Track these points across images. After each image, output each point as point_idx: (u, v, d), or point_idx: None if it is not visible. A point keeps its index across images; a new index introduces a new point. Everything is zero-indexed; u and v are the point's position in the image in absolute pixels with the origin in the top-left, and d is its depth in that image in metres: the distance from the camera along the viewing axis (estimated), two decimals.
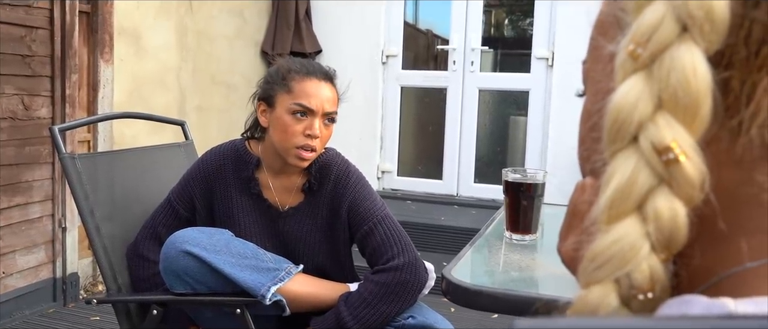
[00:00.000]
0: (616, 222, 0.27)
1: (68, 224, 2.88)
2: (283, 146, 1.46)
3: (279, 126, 1.46)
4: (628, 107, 0.27)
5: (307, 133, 1.44)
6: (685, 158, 0.26)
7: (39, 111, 2.73)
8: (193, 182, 1.56)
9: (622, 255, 0.27)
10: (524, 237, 1.41)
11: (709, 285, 0.29)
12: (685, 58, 0.26)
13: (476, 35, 4.07)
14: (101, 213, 1.58)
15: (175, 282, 1.43)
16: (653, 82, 0.27)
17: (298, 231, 1.54)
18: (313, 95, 1.45)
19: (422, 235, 3.48)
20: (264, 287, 1.40)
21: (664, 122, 0.26)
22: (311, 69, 1.48)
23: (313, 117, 1.44)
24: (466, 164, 4.15)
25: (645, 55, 0.27)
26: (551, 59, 3.89)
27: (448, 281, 1.10)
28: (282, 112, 1.45)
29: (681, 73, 0.26)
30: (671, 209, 0.26)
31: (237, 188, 1.53)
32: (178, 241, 1.42)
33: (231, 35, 3.95)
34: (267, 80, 1.52)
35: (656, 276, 0.27)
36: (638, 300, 0.27)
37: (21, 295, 2.72)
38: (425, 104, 4.44)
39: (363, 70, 4.22)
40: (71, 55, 2.80)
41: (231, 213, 1.53)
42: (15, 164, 2.64)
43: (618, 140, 0.27)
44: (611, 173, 0.27)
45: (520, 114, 4.17)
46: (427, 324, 1.48)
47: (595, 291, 0.27)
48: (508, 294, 1.06)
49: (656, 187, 0.27)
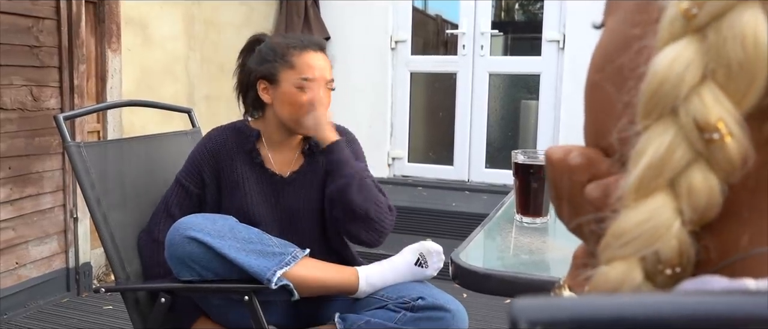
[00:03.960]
0: (646, 198, 0.25)
1: (80, 214, 2.89)
2: (293, 117, 1.53)
3: (286, 100, 1.53)
4: (674, 78, 0.24)
5: (313, 102, 1.52)
6: (730, 138, 0.24)
7: (48, 102, 2.73)
8: (200, 157, 1.60)
9: (652, 233, 0.25)
10: (535, 220, 1.39)
11: (728, 263, 0.27)
12: (747, 24, 0.23)
13: (486, 19, 4.02)
14: (108, 202, 1.58)
15: (181, 269, 1.43)
16: (706, 48, 0.24)
17: (300, 193, 1.58)
18: (315, 66, 1.53)
19: (433, 221, 3.47)
20: (269, 271, 1.39)
21: (711, 95, 0.24)
22: (307, 42, 1.56)
23: (317, 88, 1.52)
24: (477, 149, 4.12)
25: (701, 16, 0.24)
26: (562, 42, 3.84)
27: (457, 265, 1.08)
28: (288, 86, 1.52)
29: (740, 42, 0.23)
30: (707, 185, 0.24)
31: (241, 159, 1.58)
32: (182, 227, 1.42)
33: (238, 23, 3.94)
34: (265, 59, 1.55)
35: (684, 250, 0.25)
36: (665, 274, 0.25)
37: (34, 285, 2.74)
38: (435, 90, 4.41)
39: (372, 56, 4.20)
40: (79, 46, 2.80)
41: (237, 183, 1.57)
42: (25, 155, 2.64)
43: (655, 112, 0.25)
44: (643, 147, 0.25)
45: (531, 98, 4.13)
46: (437, 304, 1.47)
47: (618, 267, 0.26)
48: (519, 277, 1.04)
49: (693, 162, 0.24)
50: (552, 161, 0.33)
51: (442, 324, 1.46)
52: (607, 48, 0.32)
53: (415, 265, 1.53)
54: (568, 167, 0.32)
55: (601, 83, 0.31)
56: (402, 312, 1.47)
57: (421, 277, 1.54)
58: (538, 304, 0.24)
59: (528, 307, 0.24)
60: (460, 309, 1.50)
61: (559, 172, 0.33)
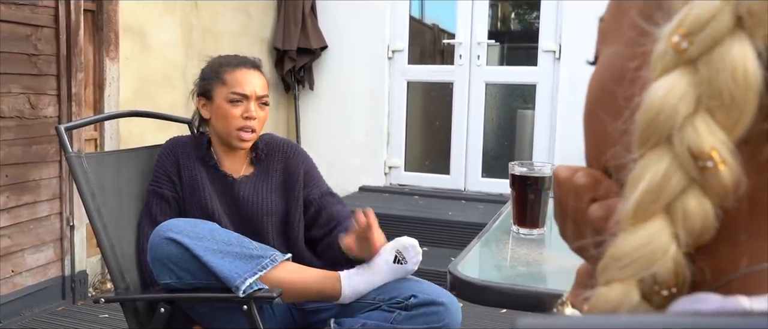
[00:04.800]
0: (643, 223, 0.26)
1: (76, 223, 2.89)
2: (226, 131, 1.63)
3: (220, 114, 1.63)
4: (668, 109, 0.25)
5: (245, 116, 1.61)
6: (724, 166, 0.25)
7: (45, 110, 2.73)
8: (164, 160, 1.67)
9: (650, 256, 0.26)
10: (532, 231, 1.40)
11: (723, 282, 0.28)
12: (737, 56, 0.24)
13: (482, 29, 4.05)
14: (108, 212, 1.58)
15: (161, 271, 1.44)
16: (698, 80, 0.25)
17: (254, 194, 1.65)
18: (245, 82, 1.62)
19: (430, 230, 3.47)
20: (240, 278, 1.40)
21: (703, 125, 0.25)
22: (240, 61, 1.67)
23: (248, 101, 1.62)
24: (474, 158, 4.13)
25: (692, 50, 0.25)
26: (559, 52, 3.86)
27: (455, 276, 1.09)
28: (220, 101, 1.63)
29: (730, 74, 0.24)
30: (702, 210, 0.25)
31: (197, 161, 1.68)
32: (163, 229, 1.45)
33: (236, 32, 3.95)
34: (202, 77, 1.68)
35: (680, 271, 0.26)
36: (661, 295, 0.26)
37: (30, 293, 2.73)
38: (432, 99, 4.43)
39: (369, 65, 4.21)
40: (77, 54, 2.81)
41: (195, 181, 1.65)
42: (22, 162, 2.64)
43: (650, 141, 0.26)
44: (640, 174, 0.26)
45: (527, 108, 4.15)
46: (429, 299, 1.48)
47: (616, 289, 0.27)
48: (516, 288, 1.04)
49: (688, 188, 0.25)
50: (559, 180, 0.34)
51: (437, 318, 1.47)
52: (602, 78, 0.33)
53: (394, 263, 1.53)
54: (574, 187, 0.33)
55: (598, 112, 0.32)
56: (396, 311, 1.49)
57: (403, 274, 1.55)
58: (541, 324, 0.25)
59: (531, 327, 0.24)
60: (453, 301, 1.50)
61: (565, 191, 0.34)
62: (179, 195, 1.65)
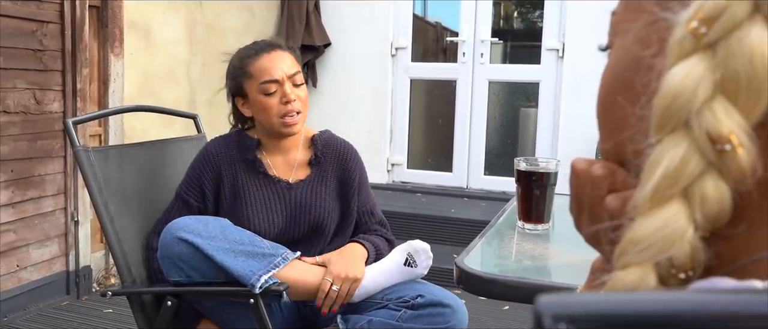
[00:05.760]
0: (661, 206, 0.26)
1: (81, 218, 2.90)
2: (270, 122, 1.56)
3: (259, 108, 1.56)
4: (687, 93, 0.25)
5: (283, 101, 1.54)
6: (742, 149, 0.25)
7: (51, 105, 2.74)
8: (201, 168, 1.61)
9: (667, 239, 0.26)
10: (537, 227, 1.41)
11: (737, 266, 0.28)
12: (755, 41, 0.24)
13: (486, 27, 4.05)
14: (114, 206, 1.59)
15: (171, 269, 1.44)
16: (715, 65, 0.25)
17: (311, 198, 1.60)
18: (271, 67, 1.55)
19: (432, 227, 3.48)
20: (255, 275, 1.40)
21: (722, 109, 0.25)
22: (259, 47, 1.59)
23: (281, 85, 1.55)
24: (476, 156, 4.14)
25: (711, 34, 0.25)
26: (562, 50, 3.87)
27: (462, 269, 1.09)
28: (255, 95, 1.56)
29: (748, 58, 0.24)
30: (719, 193, 0.26)
31: (243, 168, 1.60)
32: (174, 228, 1.43)
33: (240, 29, 3.96)
34: (229, 77, 1.61)
35: (697, 254, 0.27)
36: (678, 278, 0.27)
37: (35, 288, 2.74)
38: (435, 97, 4.43)
39: (372, 63, 4.22)
40: (82, 50, 2.81)
41: (237, 192, 1.58)
42: (27, 158, 2.65)
43: (668, 125, 0.26)
44: (657, 158, 0.26)
45: (530, 106, 4.15)
46: (436, 300, 1.49)
47: (633, 272, 0.27)
48: (522, 282, 1.05)
49: (705, 172, 0.26)
50: (576, 172, 0.35)
51: (443, 319, 1.48)
52: (617, 68, 0.33)
53: (405, 265, 1.54)
54: (591, 178, 0.34)
55: (615, 100, 0.33)
56: (402, 310, 1.49)
57: (412, 277, 1.55)
58: (563, 300, 0.25)
59: (553, 303, 0.24)
60: (459, 304, 1.51)
61: (582, 182, 0.34)
62: (206, 208, 1.59)
